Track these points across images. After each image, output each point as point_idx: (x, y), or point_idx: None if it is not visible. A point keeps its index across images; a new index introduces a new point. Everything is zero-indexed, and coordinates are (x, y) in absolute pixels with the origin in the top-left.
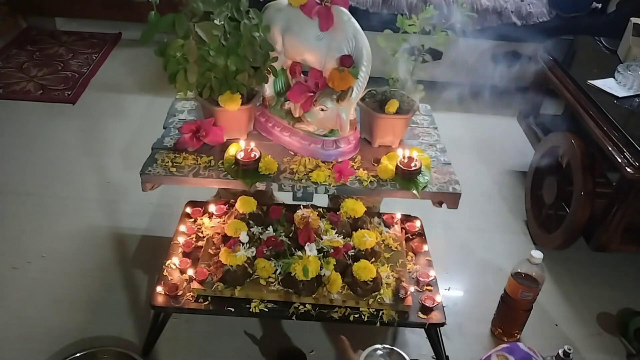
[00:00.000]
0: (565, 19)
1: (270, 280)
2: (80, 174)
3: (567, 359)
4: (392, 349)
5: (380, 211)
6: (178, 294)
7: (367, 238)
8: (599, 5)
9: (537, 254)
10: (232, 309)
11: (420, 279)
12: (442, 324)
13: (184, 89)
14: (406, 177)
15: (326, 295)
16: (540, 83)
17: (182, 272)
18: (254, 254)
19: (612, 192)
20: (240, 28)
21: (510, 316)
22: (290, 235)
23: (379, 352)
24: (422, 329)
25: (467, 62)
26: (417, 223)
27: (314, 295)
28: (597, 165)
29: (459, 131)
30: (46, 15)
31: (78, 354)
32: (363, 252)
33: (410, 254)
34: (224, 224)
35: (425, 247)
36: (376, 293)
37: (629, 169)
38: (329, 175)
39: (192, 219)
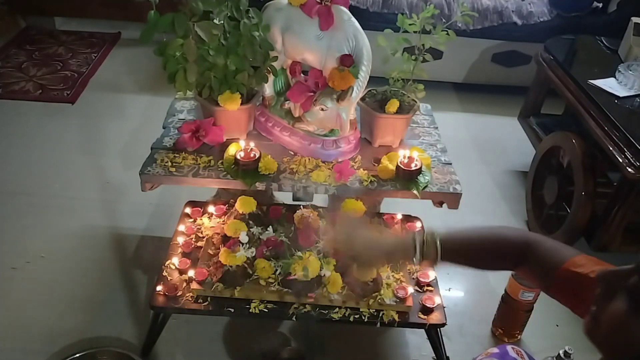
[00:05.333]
0: (566, 19)
1: (270, 280)
2: (79, 173)
3: (568, 359)
4: None
5: (381, 211)
6: (177, 295)
7: None
8: (600, 5)
9: None
10: (232, 310)
11: (421, 279)
12: (443, 325)
13: (183, 88)
14: (407, 177)
15: (326, 296)
16: (541, 83)
17: (182, 272)
18: (253, 254)
19: (613, 192)
20: (240, 27)
21: (511, 317)
22: (290, 235)
23: None
24: (423, 330)
25: (467, 62)
26: (418, 223)
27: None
28: (598, 165)
29: (459, 131)
30: (45, 15)
31: (77, 355)
32: None
33: None
34: (223, 224)
35: None
36: (376, 294)
37: (630, 169)
38: (329, 175)
39: (192, 219)
